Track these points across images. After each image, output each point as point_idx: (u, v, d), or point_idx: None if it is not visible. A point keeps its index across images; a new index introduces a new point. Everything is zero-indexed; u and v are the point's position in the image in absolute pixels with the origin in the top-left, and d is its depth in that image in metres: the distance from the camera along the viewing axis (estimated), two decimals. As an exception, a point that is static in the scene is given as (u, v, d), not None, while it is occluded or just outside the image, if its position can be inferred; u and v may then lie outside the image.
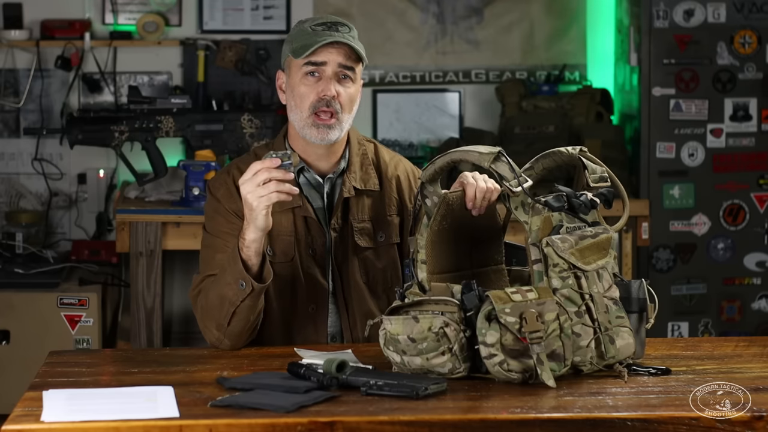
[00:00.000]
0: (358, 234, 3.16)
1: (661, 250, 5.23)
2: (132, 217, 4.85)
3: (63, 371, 2.79)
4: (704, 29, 5.22)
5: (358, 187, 3.16)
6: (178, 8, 5.58)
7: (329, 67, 3.07)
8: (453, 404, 2.51)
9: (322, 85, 3.07)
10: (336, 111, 3.07)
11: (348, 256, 3.15)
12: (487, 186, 2.91)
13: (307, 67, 3.07)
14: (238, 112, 5.16)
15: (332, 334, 3.17)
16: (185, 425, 2.38)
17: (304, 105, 3.08)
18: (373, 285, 3.17)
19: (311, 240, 3.14)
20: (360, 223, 3.16)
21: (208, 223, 3.17)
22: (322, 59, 3.06)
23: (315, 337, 3.14)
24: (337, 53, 3.06)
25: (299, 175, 3.16)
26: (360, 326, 3.14)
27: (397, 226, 3.20)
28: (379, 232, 3.18)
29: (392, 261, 3.19)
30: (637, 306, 2.78)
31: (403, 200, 3.22)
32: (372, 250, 3.17)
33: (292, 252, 3.13)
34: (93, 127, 5.04)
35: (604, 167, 2.86)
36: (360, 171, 3.18)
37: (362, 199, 3.18)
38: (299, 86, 3.09)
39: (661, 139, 5.23)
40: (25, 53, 5.47)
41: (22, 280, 5.08)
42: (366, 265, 3.16)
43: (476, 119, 5.72)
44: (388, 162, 3.23)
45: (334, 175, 3.18)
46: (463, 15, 5.73)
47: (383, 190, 3.20)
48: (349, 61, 3.08)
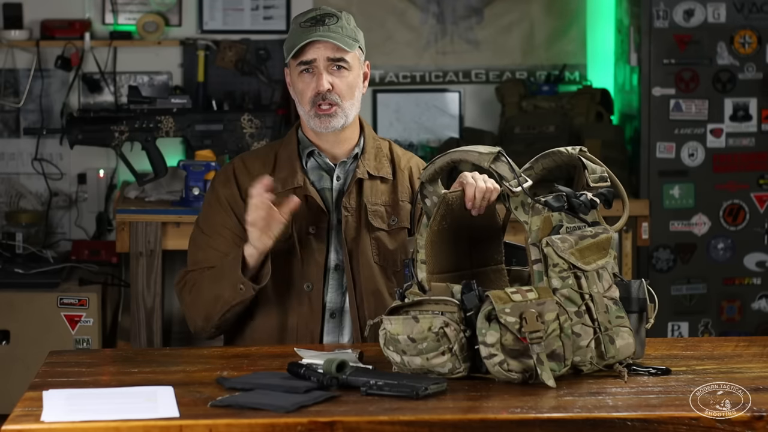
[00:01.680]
0: (372, 215, 3.22)
1: (661, 250, 5.23)
2: (132, 217, 4.85)
3: (63, 371, 2.79)
4: (704, 29, 5.22)
5: (372, 173, 3.23)
6: (178, 8, 5.58)
7: (319, 63, 3.16)
8: (453, 404, 2.51)
9: (315, 80, 3.16)
10: (335, 102, 3.16)
11: (360, 235, 3.21)
12: (486, 186, 2.91)
13: (300, 66, 3.17)
14: (238, 112, 5.16)
15: (332, 310, 3.21)
16: (185, 425, 2.38)
17: (305, 100, 3.19)
18: (384, 265, 3.22)
19: (312, 219, 3.19)
20: (374, 205, 3.23)
21: (200, 216, 3.29)
22: (310, 57, 3.16)
23: (309, 315, 3.18)
24: (324, 48, 3.15)
25: (309, 158, 3.25)
26: (366, 304, 3.19)
27: (408, 213, 3.25)
28: (393, 216, 3.24)
29: (403, 245, 3.23)
30: (637, 306, 2.78)
31: (415, 190, 3.25)
32: (385, 232, 3.23)
33: (288, 231, 3.17)
34: (93, 127, 5.03)
35: (603, 167, 2.86)
36: (374, 160, 3.26)
37: (376, 183, 3.24)
38: (297, 83, 3.20)
39: (661, 139, 5.23)
40: (25, 53, 5.47)
41: (22, 280, 5.08)
42: (378, 245, 3.22)
43: (476, 119, 5.72)
44: (401, 156, 3.32)
45: (348, 160, 3.25)
46: (463, 15, 5.73)
47: (396, 179, 3.27)
48: (338, 53, 3.15)
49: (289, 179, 3.21)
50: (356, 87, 3.20)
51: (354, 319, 3.19)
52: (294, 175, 3.21)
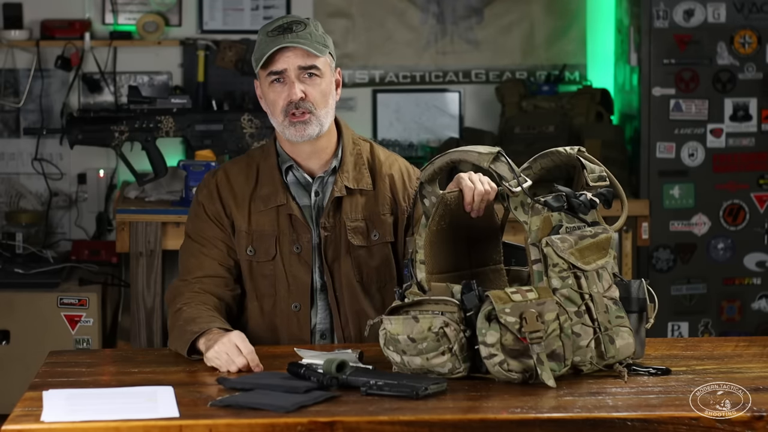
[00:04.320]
0: (352, 233, 3.16)
1: (661, 250, 5.23)
2: (132, 217, 4.85)
3: (63, 371, 2.79)
4: (704, 29, 5.22)
5: (351, 187, 3.16)
6: (178, 8, 5.58)
7: (290, 72, 3.08)
8: (453, 404, 2.51)
9: (287, 89, 3.09)
10: (308, 110, 3.09)
11: (340, 255, 3.15)
12: (484, 188, 2.90)
13: (270, 77, 3.10)
14: (238, 112, 5.15)
15: (321, 331, 3.17)
16: (185, 425, 2.39)
17: (277, 111, 3.11)
18: (366, 284, 3.17)
19: (296, 237, 3.14)
20: (353, 221, 3.16)
21: (188, 226, 3.23)
22: (280, 67, 3.08)
23: (299, 335, 3.14)
24: (294, 56, 3.08)
25: (287, 173, 3.18)
26: (352, 325, 3.15)
27: (391, 225, 3.19)
28: (374, 230, 3.17)
29: (386, 260, 3.18)
30: (637, 306, 2.78)
31: (397, 199, 3.21)
32: (365, 249, 3.17)
33: (274, 251, 3.14)
34: (93, 127, 5.03)
35: (602, 167, 2.86)
36: (353, 171, 3.18)
37: (356, 197, 3.17)
38: (269, 94, 3.12)
39: (661, 139, 5.23)
40: (25, 53, 5.47)
41: (22, 280, 5.08)
42: (359, 264, 3.16)
43: (476, 119, 5.72)
44: (383, 161, 3.23)
45: (326, 174, 3.18)
46: (463, 15, 5.73)
47: (376, 189, 3.19)
48: (309, 60, 3.09)
49: (272, 197, 3.14)
50: (329, 94, 3.13)
51: (340, 340, 3.15)
52: (276, 193, 3.14)
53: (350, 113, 5.64)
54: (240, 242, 3.16)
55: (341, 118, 3.25)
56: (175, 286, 3.15)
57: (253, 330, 3.14)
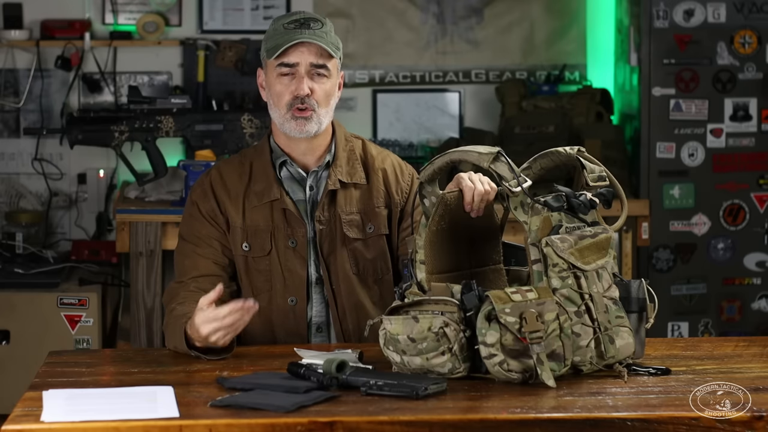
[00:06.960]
0: (347, 225, 3.17)
1: (661, 250, 5.23)
2: (132, 217, 4.85)
3: (63, 371, 2.79)
4: (704, 29, 5.22)
5: (344, 180, 3.18)
6: (178, 8, 5.58)
7: (301, 67, 3.10)
8: (453, 404, 2.51)
9: (295, 84, 3.11)
10: (311, 107, 3.11)
11: (336, 247, 3.17)
12: (484, 189, 2.90)
13: (281, 68, 3.12)
14: (238, 112, 5.15)
15: (317, 324, 3.18)
16: (185, 425, 2.39)
17: (281, 103, 3.13)
18: (363, 276, 3.19)
19: (291, 232, 3.16)
20: (349, 215, 3.18)
21: (182, 228, 3.24)
22: (293, 60, 3.11)
23: (296, 330, 3.15)
24: (308, 52, 3.10)
25: (281, 168, 3.20)
26: (350, 317, 3.16)
27: (386, 218, 3.22)
28: (368, 223, 3.19)
29: (382, 252, 3.20)
30: (637, 306, 2.78)
31: (390, 192, 3.23)
32: (361, 241, 3.19)
33: (269, 245, 3.15)
34: (93, 127, 5.03)
35: (602, 167, 2.86)
36: (346, 165, 3.20)
37: (350, 191, 3.19)
38: (275, 85, 3.14)
39: (661, 139, 5.23)
40: (25, 53, 5.47)
41: (22, 280, 5.08)
42: (356, 256, 3.18)
43: (476, 119, 5.72)
44: (375, 156, 3.26)
45: (320, 168, 3.20)
46: (463, 15, 5.73)
47: (370, 183, 3.22)
48: (321, 59, 3.11)
49: (266, 193, 3.16)
50: (332, 95, 3.15)
51: (338, 333, 3.16)
52: (270, 188, 3.16)
53: (350, 113, 5.64)
54: (235, 239, 3.17)
55: (335, 118, 3.27)
56: (172, 288, 3.18)
57: (250, 326, 3.13)
